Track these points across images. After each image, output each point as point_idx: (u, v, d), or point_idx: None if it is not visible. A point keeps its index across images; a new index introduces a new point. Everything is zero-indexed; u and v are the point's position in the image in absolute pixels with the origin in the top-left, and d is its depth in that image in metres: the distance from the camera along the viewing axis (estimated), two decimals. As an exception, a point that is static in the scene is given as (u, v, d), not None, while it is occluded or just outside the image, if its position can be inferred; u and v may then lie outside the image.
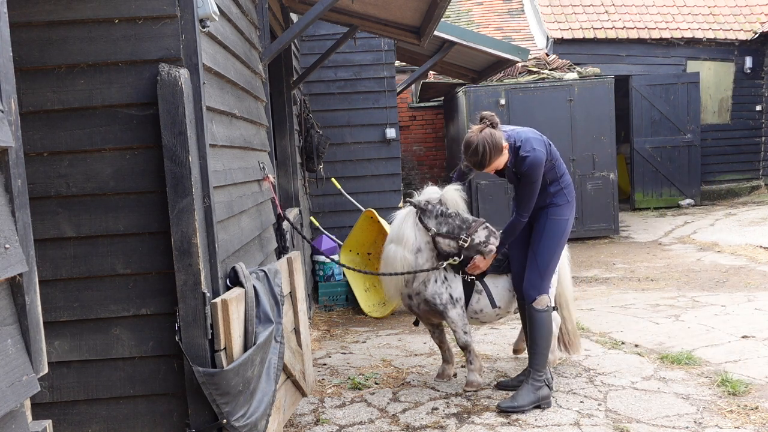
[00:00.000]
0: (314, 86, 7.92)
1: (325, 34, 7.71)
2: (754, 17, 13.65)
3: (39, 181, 2.63)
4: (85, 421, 2.74)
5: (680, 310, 5.98)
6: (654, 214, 12.19)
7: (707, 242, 9.40)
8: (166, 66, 2.58)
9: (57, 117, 2.63)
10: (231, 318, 2.72)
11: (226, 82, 3.26)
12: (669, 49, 13.28)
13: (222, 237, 2.90)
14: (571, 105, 9.93)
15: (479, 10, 15.38)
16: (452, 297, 4.19)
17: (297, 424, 3.89)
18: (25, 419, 1.39)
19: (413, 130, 13.79)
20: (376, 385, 4.49)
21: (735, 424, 3.53)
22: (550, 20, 13.27)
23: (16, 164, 1.41)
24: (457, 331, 4.21)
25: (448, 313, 4.19)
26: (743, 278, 7.09)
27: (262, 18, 4.39)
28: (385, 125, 8.07)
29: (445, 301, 4.18)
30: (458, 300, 4.20)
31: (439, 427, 3.74)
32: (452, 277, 4.22)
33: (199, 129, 2.69)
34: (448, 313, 4.19)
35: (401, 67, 11.73)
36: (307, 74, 6.58)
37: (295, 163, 6.00)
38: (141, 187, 2.67)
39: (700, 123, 12.84)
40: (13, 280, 1.39)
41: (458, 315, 4.20)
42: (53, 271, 2.67)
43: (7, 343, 1.34)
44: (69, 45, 2.60)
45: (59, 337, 2.70)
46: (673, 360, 4.55)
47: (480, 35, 9.62)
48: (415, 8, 5.42)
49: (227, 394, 2.68)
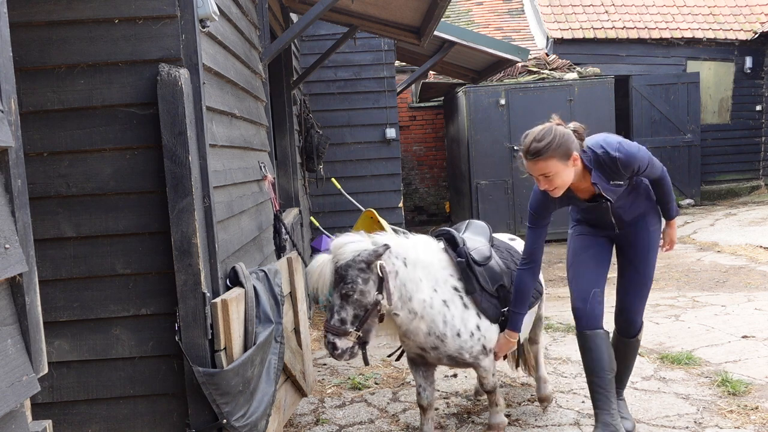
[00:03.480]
0: (314, 86, 7.93)
1: (325, 34, 7.71)
2: (754, 17, 13.65)
3: (39, 181, 2.63)
4: (85, 421, 2.74)
5: (680, 310, 5.98)
6: (654, 214, 12.17)
7: (707, 242, 9.40)
8: (166, 66, 2.58)
9: (57, 117, 2.63)
10: (231, 318, 2.72)
11: (226, 82, 3.26)
12: (669, 49, 13.28)
13: (222, 237, 2.90)
14: (571, 105, 9.93)
15: (479, 10, 15.38)
16: (485, 348, 3.36)
17: (297, 424, 3.89)
18: (25, 419, 1.39)
19: (413, 130, 13.79)
20: (376, 385, 4.49)
21: (735, 424, 3.53)
22: (550, 20, 13.27)
23: (16, 164, 1.41)
24: (487, 378, 3.43)
25: (481, 363, 3.37)
26: (743, 278, 7.08)
27: (262, 18, 4.39)
28: (385, 125, 8.07)
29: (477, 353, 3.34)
30: (491, 350, 3.39)
31: (440, 427, 3.74)
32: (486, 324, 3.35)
33: (199, 129, 2.69)
34: (481, 363, 3.37)
35: (401, 67, 11.73)
36: (307, 74, 6.58)
37: (295, 163, 6.00)
38: (141, 187, 2.67)
39: (700, 123, 12.84)
40: (13, 280, 1.39)
41: (491, 362, 3.41)
42: (53, 271, 2.66)
43: (7, 343, 1.34)
44: (69, 45, 2.60)
45: (59, 337, 2.70)
46: (673, 360, 4.55)
47: (480, 35, 9.63)
48: (415, 8, 5.42)
49: (227, 394, 2.68)
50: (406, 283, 3.12)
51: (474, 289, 3.27)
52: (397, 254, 3.12)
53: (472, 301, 3.27)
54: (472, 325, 3.25)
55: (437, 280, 3.23)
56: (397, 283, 3.08)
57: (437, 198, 13.85)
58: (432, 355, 3.30)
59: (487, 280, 3.33)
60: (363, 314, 2.96)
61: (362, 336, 2.99)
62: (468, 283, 3.27)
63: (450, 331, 3.20)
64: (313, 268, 3.04)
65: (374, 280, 2.98)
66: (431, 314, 3.17)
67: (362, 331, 2.98)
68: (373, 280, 2.98)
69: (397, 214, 8.11)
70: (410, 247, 3.22)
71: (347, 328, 2.94)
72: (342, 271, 2.96)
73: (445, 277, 3.27)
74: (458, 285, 3.28)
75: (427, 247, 3.33)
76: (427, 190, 13.98)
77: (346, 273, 2.94)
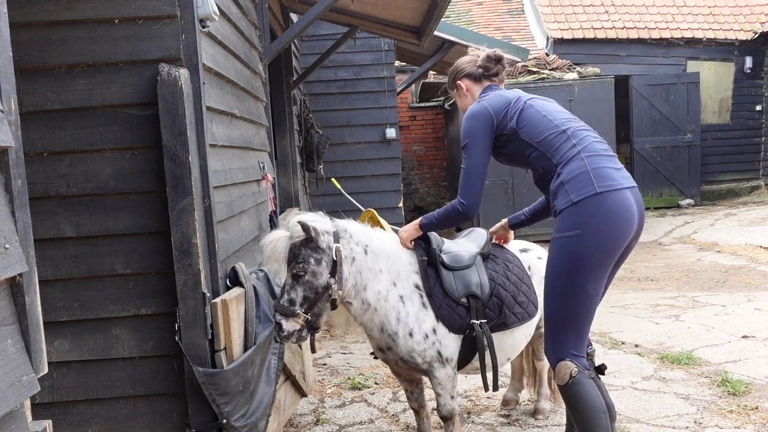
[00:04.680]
0: (314, 86, 7.93)
1: (325, 34, 7.71)
2: (754, 17, 13.65)
3: (39, 181, 2.63)
4: (85, 421, 2.74)
5: (680, 310, 5.98)
6: (654, 214, 12.18)
7: (707, 242, 9.40)
8: (166, 66, 2.58)
9: (57, 117, 2.63)
10: (231, 318, 2.72)
11: (226, 82, 3.26)
12: (669, 49, 13.29)
13: (222, 237, 2.90)
14: (571, 105, 9.93)
15: (479, 10, 15.39)
16: (440, 354, 3.07)
17: (297, 424, 3.89)
18: (25, 419, 1.39)
19: (413, 130, 13.80)
20: (376, 385, 4.49)
21: (735, 424, 3.53)
22: (550, 20, 13.27)
23: (16, 164, 1.41)
24: (443, 396, 3.12)
25: (435, 373, 3.09)
26: (743, 278, 7.08)
27: (262, 18, 4.39)
28: (385, 125, 8.07)
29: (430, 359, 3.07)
30: (449, 360, 3.09)
31: (438, 426, 3.74)
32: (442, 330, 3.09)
33: (199, 129, 2.69)
34: (435, 373, 3.09)
35: (401, 67, 11.74)
36: (307, 74, 6.58)
37: (295, 163, 6.00)
38: (141, 187, 2.67)
39: (700, 123, 12.85)
40: (13, 280, 1.39)
41: (447, 376, 3.11)
42: (53, 271, 2.66)
43: (7, 343, 1.34)
44: (69, 45, 2.60)
45: (59, 337, 2.70)
46: (673, 360, 4.55)
47: (480, 35, 9.64)
48: (415, 8, 5.42)
49: (227, 394, 2.68)
50: (362, 271, 2.97)
51: (431, 290, 3.07)
52: (358, 240, 3.01)
53: (432, 303, 3.08)
54: (427, 327, 3.02)
55: (399, 275, 3.07)
56: (352, 269, 2.95)
57: (437, 198, 13.86)
58: (389, 358, 3.12)
59: (455, 285, 3.11)
60: (313, 296, 2.84)
61: (311, 320, 2.85)
62: (425, 282, 3.08)
63: (402, 330, 2.99)
64: (267, 242, 2.93)
65: (327, 262, 2.88)
66: (385, 308, 3.00)
67: (312, 315, 2.84)
68: (326, 261, 2.88)
69: (397, 214, 8.11)
70: (375, 237, 3.09)
71: (296, 309, 2.81)
72: (296, 250, 2.86)
73: (409, 273, 3.09)
74: (421, 284, 3.10)
75: (395, 239, 3.18)
76: (427, 190, 13.99)
77: (299, 252, 2.85)
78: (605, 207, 2.63)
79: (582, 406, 2.71)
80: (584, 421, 2.71)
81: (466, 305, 3.10)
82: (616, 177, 2.70)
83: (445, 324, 3.06)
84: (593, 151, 2.74)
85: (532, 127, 2.83)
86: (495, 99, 2.94)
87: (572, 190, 2.67)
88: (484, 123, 2.89)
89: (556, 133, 2.80)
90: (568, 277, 2.68)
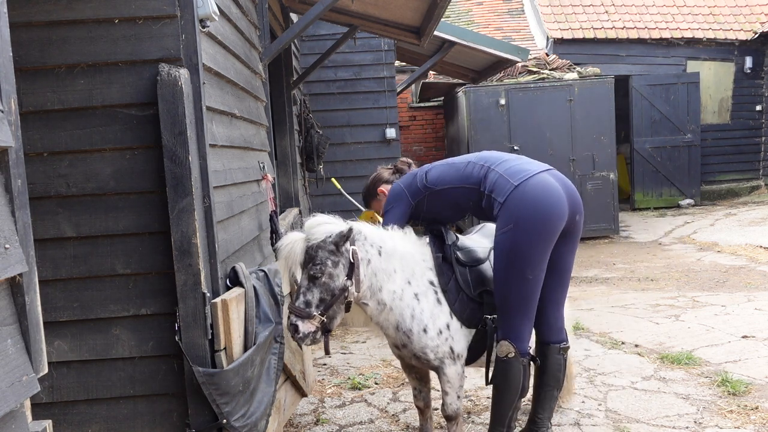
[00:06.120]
0: (314, 86, 7.93)
1: (325, 34, 7.71)
2: (754, 17, 13.65)
3: (39, 181, 2.63)
4: (85, 421, 2.74)
5: (680, 310, 5.98)
6: (654, 214, 12.19)
7: (707, 242, 9.40)
8: (166, 66, 2.58)
9: (57, 117, 2.63)
10: (231, 318, 2.72)
11: (226, 82, 3.26)
12: (669, 49, 13.29)
13: (222, 237, 2.90)
14: (571, 105, 9.94)
15: (479, 10, 15.39)
16: (452, 350, 3.14)
17: (297, 424, 3.89)
18: (25, 419, 1.39)
19: (413, 130, 13.79)
20: (376, 385, 4.49)
21: (735, 424, 3.53)
22: (550, 20, 13.28)
23: (16, 164, 1.41)
24: (450, 394, 3.19)
25: (445, 369, 3.16)
26: (743, 278, 7.09)
27: (262, 18, 4.39)
28: (385, 125, 8.07)
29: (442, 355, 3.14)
30: (459, 356, 3.17)
31: (440, 426, 3.74)
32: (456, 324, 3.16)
33: (199, 129, 2.69)
34: (445, 369, 3.16)
35: (401, 67, 11.73)
36: (307, 74, 6.58)
37: (295, 163, 6.00)
38: (141, 187, 2.67)
39: (700, 123, 12.84)
40: (13, 280, 1.39)
41: (457, 374, 3.18)
42: (53, 271, 2.66)
43: (7, 343, 1.34)
44: (69, 45, 2.60)
45: (59, 337, 2.70)
46: (673, 360, 4.55)
47: (480, 35, 9.63)
48: (415, 8, 5.42)
49: (227, 394, 2.68)
50: (378, 273, 3.01)
51: (446, 286, 3.14)
52: (373, 242, 3.04)
53: (447, 299, 3.14)
54: (441, 323, 3.08)
55: (413, 273, 3.12)
56: (368, 271, 2.98)
57: (437, 198, 13.84)
58: (404, 354, 3.18)
59: (469, 281, 3.17)
60: (329, 299, 2.87)
61: (326, 322, 2.88)
62: (441, 278, 3.14)
63: (417, 326, 3.05)
64: (283, 245, 2.95)
65: (344, 265, 2.90)
66: (400, 307, 3.05)
67: (327, 317, 2.87)
68: (344, 264, 2.90)
69: (397, 214, 8.09)
70: (387, 237, 3.12)
71: (311, 311, 2.84)
72: (312, 252, 2.88)
73: (423, 270, 3.15)
74: (436, 280, 3.15)
75: (406, 238, 3.21)
76: (427, 190, 13.98)
77: (316, 254, 2.87)
78: (526, 194, 2.95)
79: (503, 380, 3.12)
80: (499, 393, 3.15)
81: (479, 301, 3.19)
82: (527, 168, 3.06)
83: (459, 319, 3.15)
84: (499, 160, 3.15)
85: (442, 177, 3.22)
86: (405, 178, 3.37)
87: (497, 195, 3.03)
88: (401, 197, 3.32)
89: (463, 167, 3.20)
90: (509, 268, 2.98)
